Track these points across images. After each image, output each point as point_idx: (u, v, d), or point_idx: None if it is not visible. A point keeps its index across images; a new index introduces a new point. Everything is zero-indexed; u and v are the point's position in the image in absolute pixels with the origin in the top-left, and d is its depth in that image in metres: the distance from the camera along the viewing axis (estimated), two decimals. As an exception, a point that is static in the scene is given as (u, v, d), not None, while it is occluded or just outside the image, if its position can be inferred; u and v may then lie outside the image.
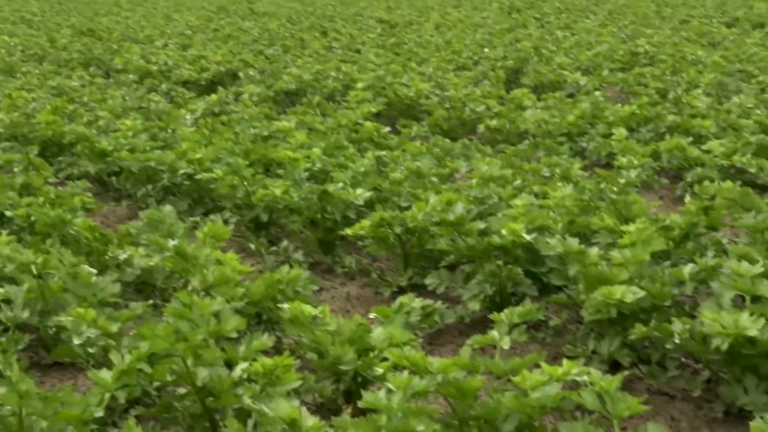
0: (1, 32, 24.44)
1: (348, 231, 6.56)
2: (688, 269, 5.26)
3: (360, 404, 3.72)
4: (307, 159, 8.26)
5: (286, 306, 4.64)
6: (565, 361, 3.93)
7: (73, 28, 25.80)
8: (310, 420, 3.63)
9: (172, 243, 5.70)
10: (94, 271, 5.48)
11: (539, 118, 10.80)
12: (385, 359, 4.18)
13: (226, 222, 7.58)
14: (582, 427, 3.64)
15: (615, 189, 6.99)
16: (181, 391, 4.19)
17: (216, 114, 12.26)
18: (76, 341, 4.69)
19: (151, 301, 5.45)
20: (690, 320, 4.74)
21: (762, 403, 4.57)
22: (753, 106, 11.29)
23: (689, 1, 32.89)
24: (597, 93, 12.30)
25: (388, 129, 10.40)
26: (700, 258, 5.37)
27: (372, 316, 4.86)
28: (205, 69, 16.22)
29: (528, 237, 5.85)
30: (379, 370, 4.10)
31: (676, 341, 4.71)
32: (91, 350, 4.72)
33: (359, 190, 7.13)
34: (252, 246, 7.32)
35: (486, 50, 18.68)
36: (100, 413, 3.80)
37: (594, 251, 5.50)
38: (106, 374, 3.91)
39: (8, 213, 6.94)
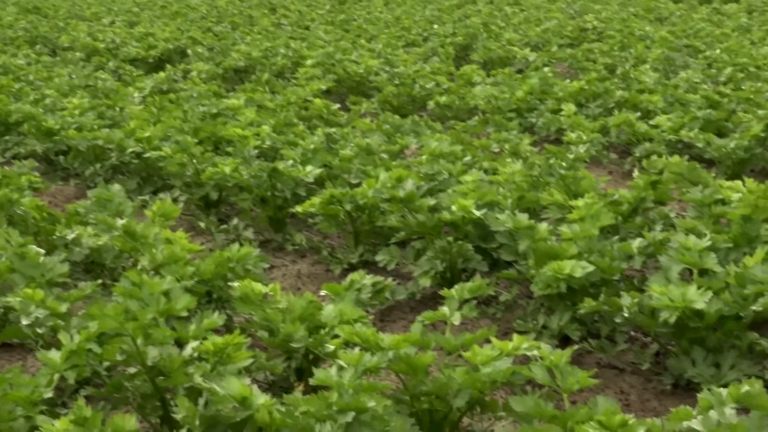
0: (-56, 10, 24.08)
1: (298, 208, 6.55)
2: (636, 243, 5.31)
3: (311, 381, 3.72)
4: (257, 136, 8.22)
5: (236, 284, 4.62)
6: (515, 336, 3.95)
7: (19, 5, 25.46)
8: (262, 398, 3.62)
9: (120, 222, 5.66)
10: (42, 251, 5.42)
11: (489, 94, 10.82)
12: (336, 336, 4.18)
13: (175, 200, 7.54)
14: (532, 401, 3.66)
15: (564, 164, 7.02)
16: (132, 370, 4.16)
17: (164, 92, 12.17)
18: (25, 322, 4.64)
19: (100, 281, 5.40)
20: (639, 294, 4.78)
21: (709, 375, 4.63)
22: (700, 81, 11.40)
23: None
24: (546, 69, 12.34)
25: (337, 106, 10.39)
26: (648, 232, 5.42)
27: (323, 293, 4.86)
28: (153, 46, 16.07)
29: (478, 213, 5.87)
30: (331, 347, 4.09)
31: (625, 315, 4.75)
32: (39, 331, 4.67)
33: (309, 168, 7.11)
34: (202, 224, 7.29)
35: (435, 26, 18.69)
36: (49, 394, 3.78)
37: (543, 226, 5.53)
38: (55, 355, 3.88)
39: (-46, 193, 6.85)
